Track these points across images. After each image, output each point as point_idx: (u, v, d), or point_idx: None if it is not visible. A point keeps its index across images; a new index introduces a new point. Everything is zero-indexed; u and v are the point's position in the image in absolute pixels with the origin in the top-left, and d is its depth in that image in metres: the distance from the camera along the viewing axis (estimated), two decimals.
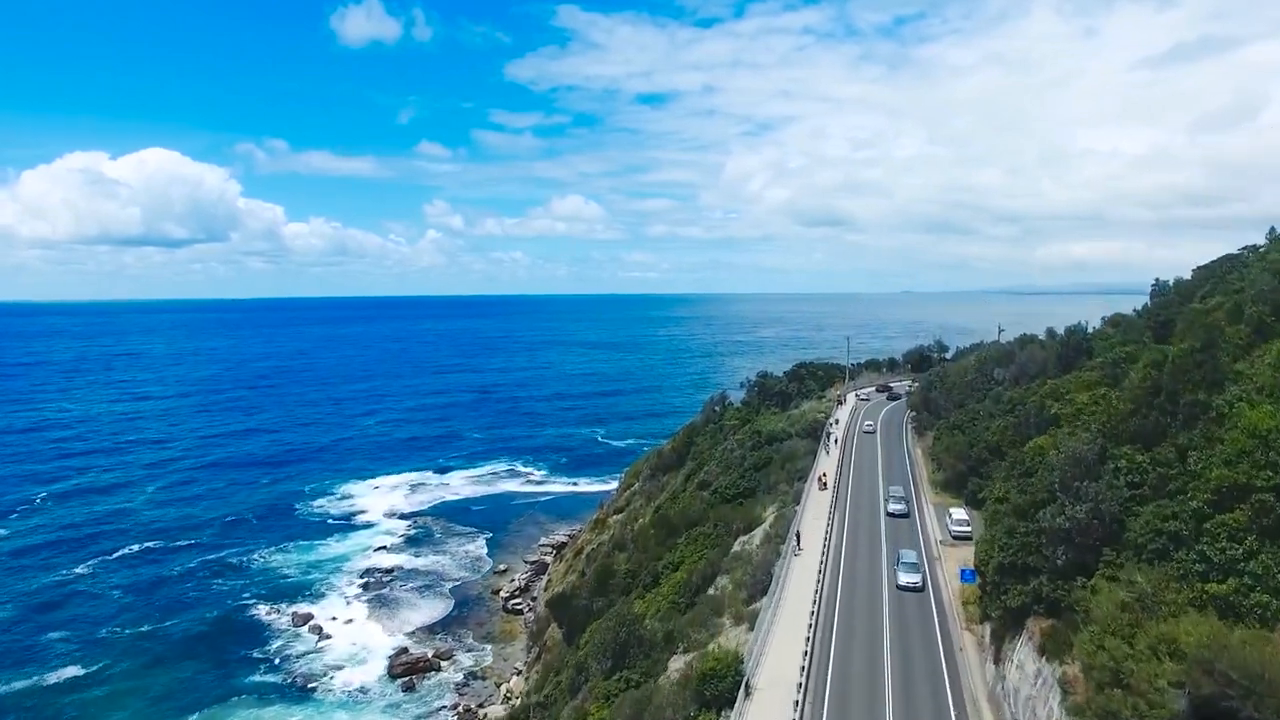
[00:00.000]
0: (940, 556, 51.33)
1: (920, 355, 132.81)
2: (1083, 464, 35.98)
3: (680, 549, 58.29)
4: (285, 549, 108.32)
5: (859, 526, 57.03)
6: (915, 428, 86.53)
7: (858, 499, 63.49)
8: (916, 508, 61.84)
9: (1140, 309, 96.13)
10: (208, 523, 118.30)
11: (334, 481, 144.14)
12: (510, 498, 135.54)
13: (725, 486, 68.59)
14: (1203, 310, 71.55)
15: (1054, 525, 34.69)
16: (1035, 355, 75.69)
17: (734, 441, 78.46)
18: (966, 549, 49.68)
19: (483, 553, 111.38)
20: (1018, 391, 68.53)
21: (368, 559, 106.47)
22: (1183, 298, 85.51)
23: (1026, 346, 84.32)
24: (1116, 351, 62.89)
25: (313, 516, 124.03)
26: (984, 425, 64.54)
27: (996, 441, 60.03)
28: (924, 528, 56.85)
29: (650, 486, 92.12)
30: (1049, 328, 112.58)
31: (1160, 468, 35.30)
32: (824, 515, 56.35)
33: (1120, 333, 75.69)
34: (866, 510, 61.09)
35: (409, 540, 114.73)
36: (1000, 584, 37.71)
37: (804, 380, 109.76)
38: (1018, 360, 76.65)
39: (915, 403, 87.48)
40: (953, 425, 69.34)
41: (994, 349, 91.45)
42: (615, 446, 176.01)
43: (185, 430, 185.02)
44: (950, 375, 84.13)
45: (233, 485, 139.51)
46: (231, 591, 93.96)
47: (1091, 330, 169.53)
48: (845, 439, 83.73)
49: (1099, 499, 34.01)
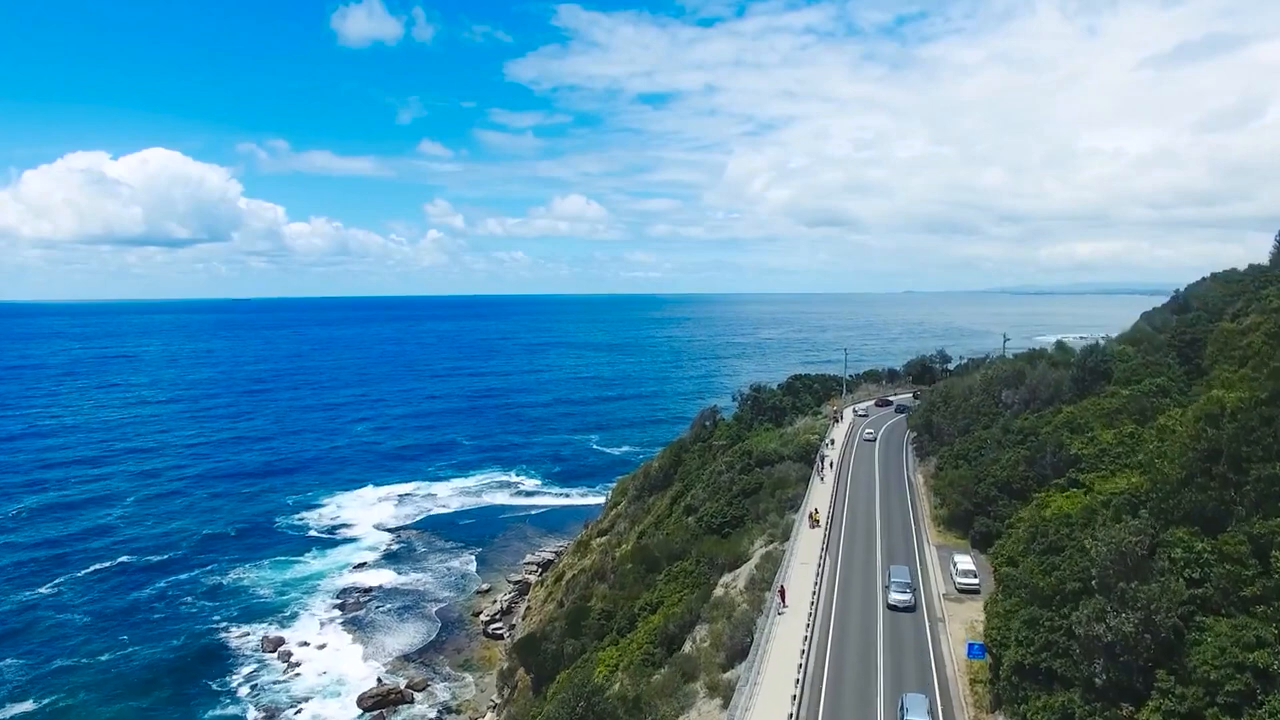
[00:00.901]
0: (944, 616, 44.35)
1: (922, 366, 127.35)
2: (1129, 559, 29.45)
3: (660, 587, 54.16)
4: (261, 566, 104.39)
5: (851, 585, 48.61)
6: (916, 449, 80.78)
7: (851, 542, 56.47)
8: (917, 548, 55.29)
9: (1159, 323, 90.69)
10: (185, 538, 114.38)
11: (320, 492, 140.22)
12: (499, 510, 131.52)
13: (712, 514, 64.35)
14: (1236, 330, 66.26)
15: (1091, 633, 28.53)
16: (1047, 377, 70.34)
17: (722, 463, 73.88)
18: (974, 605, 44.37)
19: (467, 569, 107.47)
20: (1029, 419, 63.48)
21: (346, 577, 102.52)
22: (1210, 314, 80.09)
23: (1037, 366, 78.71)
24: (1146, 384, 58.34)
25: (293, 530, 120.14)
26: (992, 456, 59.56)
27: (1007, 478, 54.94)
28: (925, 577, 50.16)
29: (635, 509, 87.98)
30: (1058, 340, 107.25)
31: (1230, 564, 28.62)
32: (814, 560, 50.37)
33: (1141, 353, 70.44)
34: (861, 558, 53.20)
35: (390, 556, 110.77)
36: (1018, 687, 31.89)
37: (799, 393, 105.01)
38: (1028, 382, 71.23)
39: (916, 423, 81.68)
40: (957, 454, 64.18)
41: (1001, 365, 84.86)
42: (610, 455, 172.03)
43: (173, 438, 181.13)
44: (954, 396, 78.08)
45: (215, 497, 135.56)
46: (200, 613, 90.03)
47: (1105, 342, 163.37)
48: (841, 463, 78.15)
49: (1152, 607, 27.56)
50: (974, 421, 69.27)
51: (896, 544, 55.84)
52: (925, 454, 74.90)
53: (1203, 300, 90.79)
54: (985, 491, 55.36)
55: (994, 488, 55.12)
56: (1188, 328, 74.84)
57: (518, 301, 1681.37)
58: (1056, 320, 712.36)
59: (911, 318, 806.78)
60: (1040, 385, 69.93)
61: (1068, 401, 64.81)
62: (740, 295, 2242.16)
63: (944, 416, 73.59)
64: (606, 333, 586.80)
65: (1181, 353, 70.87)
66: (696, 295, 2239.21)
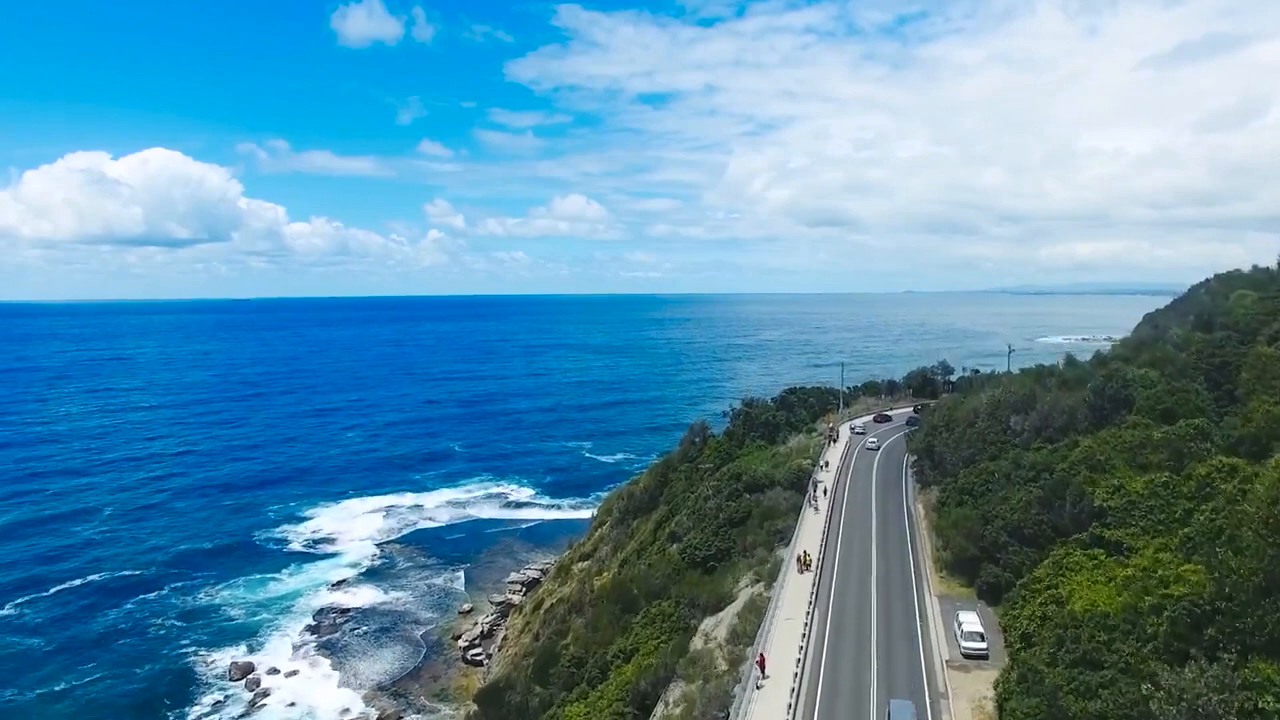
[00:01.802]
0: (947, 689, 38.07)
1: (922, 378, 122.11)
2: None
3: (636, 631, 50.32)
4: (235, 584, 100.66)
5: (841, 650, 42.44)
6: (917, 474, 74.39)
7: (844, 592, 49.79)
8: (917, 600, 48.84)
9: (1181, 341, 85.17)
10: (160, 554, 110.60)
11: (305, 504, 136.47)
12: (487, 524, 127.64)
13: (696, 545, 60.35)
14: (1276, 356, 61.07)
15: None
16: (1061, 403, 64.44)
17: (709, 487, 69.81)
18: (981, 675, 38.72)
19: (450, 587, 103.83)
20: (1042, 451, 58.10)
21: (324, 596, 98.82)
22: (1241, 334, 74.25)
23: (1048, 385, 73.29)
24: (1183, 427, 52.02)
25: (274, 545, 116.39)
26: (1000, 494, 54.13)
27: (1018, 521, 49.36)
28: (925, 636, 43.66)
29: (619, 533, 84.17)
30: (1068, 355, 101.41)
31: None
32: (800, 614, 44.88)
33: (1165, 378, 64.63)
34: (854, 614, 46.83)
35: (371, 573, 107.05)
36: None
37: (793, 408, 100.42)
38: (1039, 407, 65.19)
39: (917, 447, 75.58)
40: (961, 488, 58.39)
41: (1009, 384, 78.49)
42: (604, 463, 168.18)
43: (159, 447, 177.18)
44: (957, 420, 71.42)
45: (196, 510, 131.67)
46: (168, 637, 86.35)
47: (1111, 346, 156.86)
48: (836, 486, 72.59)
49: None
50: (979, 451, 63.70)
51: (894, 595, 50.03)
52: (926, 482, 69.75)
53: (1230, 316, 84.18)
54: (993, 536, 50.02)
55: (1003, 532, 49.74)
56: (1216, 349, 69.08)
57: (518, 301, 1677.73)
58: (1058, 321, 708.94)
59: (912, 318, 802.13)
60: (1053, 412, 63.85)
61: (1084, 431, 59.67)
62: (740, 295, 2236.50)
63: (947, 444, 67.81)
64: (605, 334, 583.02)
65: (1210, 377, 65.49)
66: (696, 295, 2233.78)
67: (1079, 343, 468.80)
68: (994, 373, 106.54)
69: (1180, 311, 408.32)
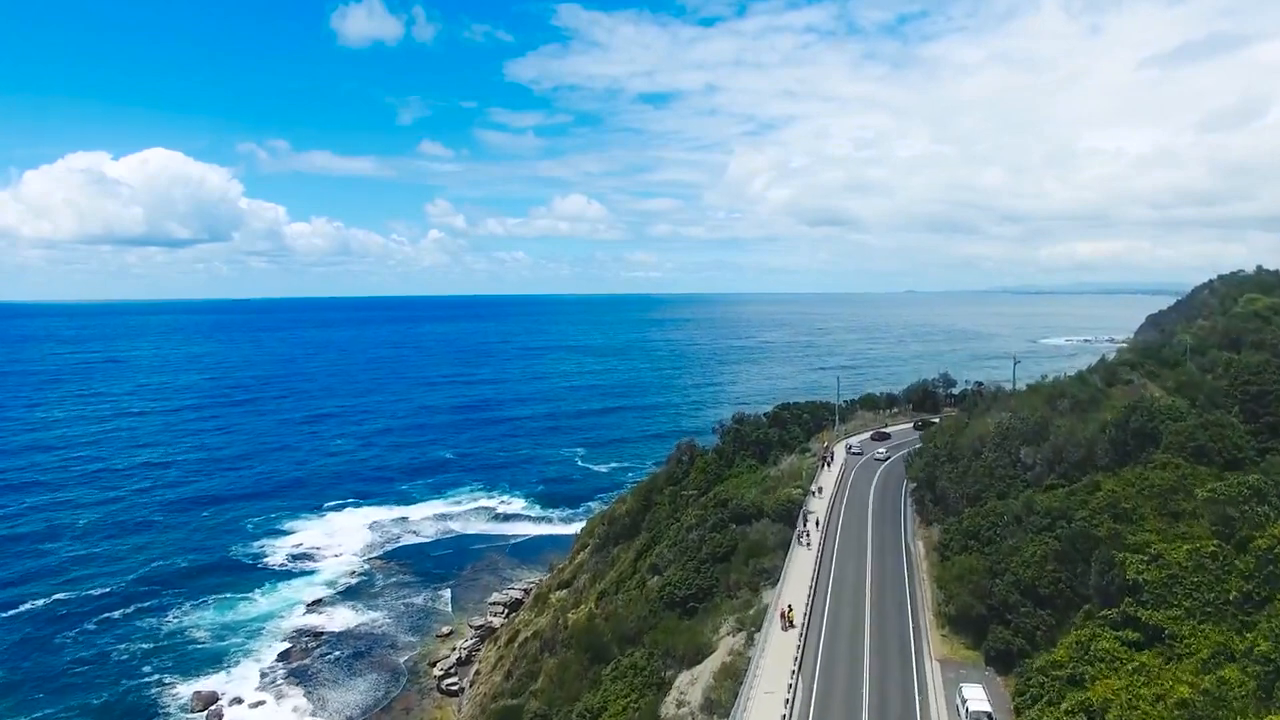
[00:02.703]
0: None
1: (923, 391, 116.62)
2: None
3: (604, 687, 46.03)
4: (205, 604, 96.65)
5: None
6: (916, 503, 68.10)
7: (831, 659, 43.74)
8: (915, 666, 42.72)
9: (1209, 362, 79.69)
10: (132, 573, 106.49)
11: (287, 517, 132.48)
12: (473, 539, 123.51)
13: (676, 583, 55.88)
14: None
15: None
16: (1077, 434, 58.41)
17: (693, 516, 65.36)
18: None
19: (430, 607, 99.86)
20: (1058, 493, 52.27)
21: (298, 618, 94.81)
22: None
23: (1061, 413, 66.68)
24: (1234, 486, 44.32)
25: (251, 562, 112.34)
26: (1011, 543, 48.48)
27: (1032, 579, 43.75)
28: (924, 712, 38.25)
29: (598, 560, 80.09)
30: (1080, 372, 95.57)
31: None
32: (782, 686, 39.10)
33: (1197, 410, 58.54)
34: (843, 687, 41.07)
35: (350, 592, 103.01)
36: None
37: (786, 425, 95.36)
38: (1053, 439, 58.98)
39: (917, 474, 68.82)
40: (966, 531, 52.30)
41: (1017, 406, 72.03)
42: (597, 474, 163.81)
43: (142, 457, 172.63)
44: (961, 448, 64.88)
45: (175, 525, 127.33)
46: (130, 664, 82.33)
47: (1118, 352, 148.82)
48: (830, 515, 66.78)
49: None
50: (986, 487, 57.60)
51: (890, 660, 43.80)
52: (928, 515, 63.84)
53: (1261, 338, 77.79)
54: (1003, 593, 44.17)
55: (1014, 589, 44.02)
56: (1253, 375, 62.93)
57: (518, 302, 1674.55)
58: (1059, 321, 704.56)
59: (914, 319, 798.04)
60: (1068, 445, 57.71)
61: (1104, 468, 54.08)
62: (741, 295, 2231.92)
63: (950, 478, 61.39)
64: (605, 335, 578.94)
65: (1246, 408, 59.49)
66: (697, 295, 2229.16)
67: (1081, 344, 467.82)
68: (999, 388, 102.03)
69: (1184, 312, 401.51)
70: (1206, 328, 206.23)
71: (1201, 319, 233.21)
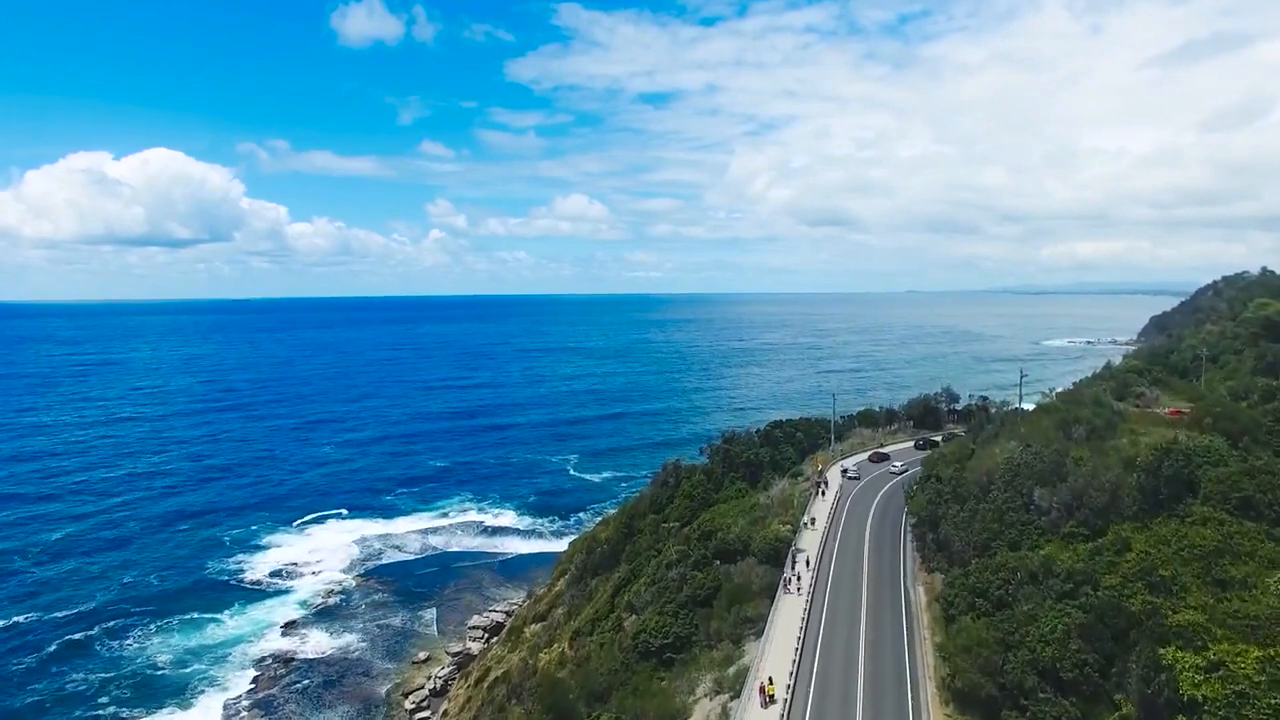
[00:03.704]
0: None
1: (925, 407, 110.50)
2: None
3: None
4: (171, 626, 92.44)
5: None
6: (918, 542, 61.18)
7: None
8: None
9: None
10: (101, 593, 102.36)
11: (267, 530, 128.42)
12: (458, 556, 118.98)
13: (653, 629, 50.95)
14: None
15: None
16: (1099, 475, 50.69)
17: (674, 551, 60.62)
18: None
19: (409, 629, 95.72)
20: (1079, 550, 45.54)
21: (269, 641, 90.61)
22: None
23: (1076, 442, 60.72)
24: None
25: (225, 579, 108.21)
26: (1026, 607, 42.07)
27: (1053, 660, 37.67)
28: None
29: (575, 593, 75.70)
30: (1096, 394, 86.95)
31: None
32: None
33: (1240, 453, 52.08)
34: None
35: (325, 613, 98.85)
36: None
37: (779, 444, 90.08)
38: (1072, 481, 51.67)
39: (919, 509, 61.21)
40: (974, 588, 45.66)
41: (1028, 433, 65.24)
42: (591, 485, 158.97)
43: (126, 467, 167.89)
44: (967, 484, 57.78)
45: (151, 540, 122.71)
46: (86, 693, 78.19)
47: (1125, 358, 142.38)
48: (821, 554, 60.38)
49: None
50: (996, 535, 50.81)
51: None
52: (931, 562, 56.40)
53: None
54: (1018, 673, 37.93)
55: (1031, 669, 37.88)
56: None
57: (519, 302, 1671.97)
58: (1061, 322, 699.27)
59: (915, 319, 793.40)
60: (1089, 489, 50.28)
61: (1132, 517, 47.84)
62: (741, 295, 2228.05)
63: (954, 523, 53.91)
64: (605, 336, 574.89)
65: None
66: (698, 295, 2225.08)
67: (1084, 346, 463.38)
68: (1005, 404, 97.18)
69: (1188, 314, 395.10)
70: (1215, 333, 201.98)
71: (1210, 324, 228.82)
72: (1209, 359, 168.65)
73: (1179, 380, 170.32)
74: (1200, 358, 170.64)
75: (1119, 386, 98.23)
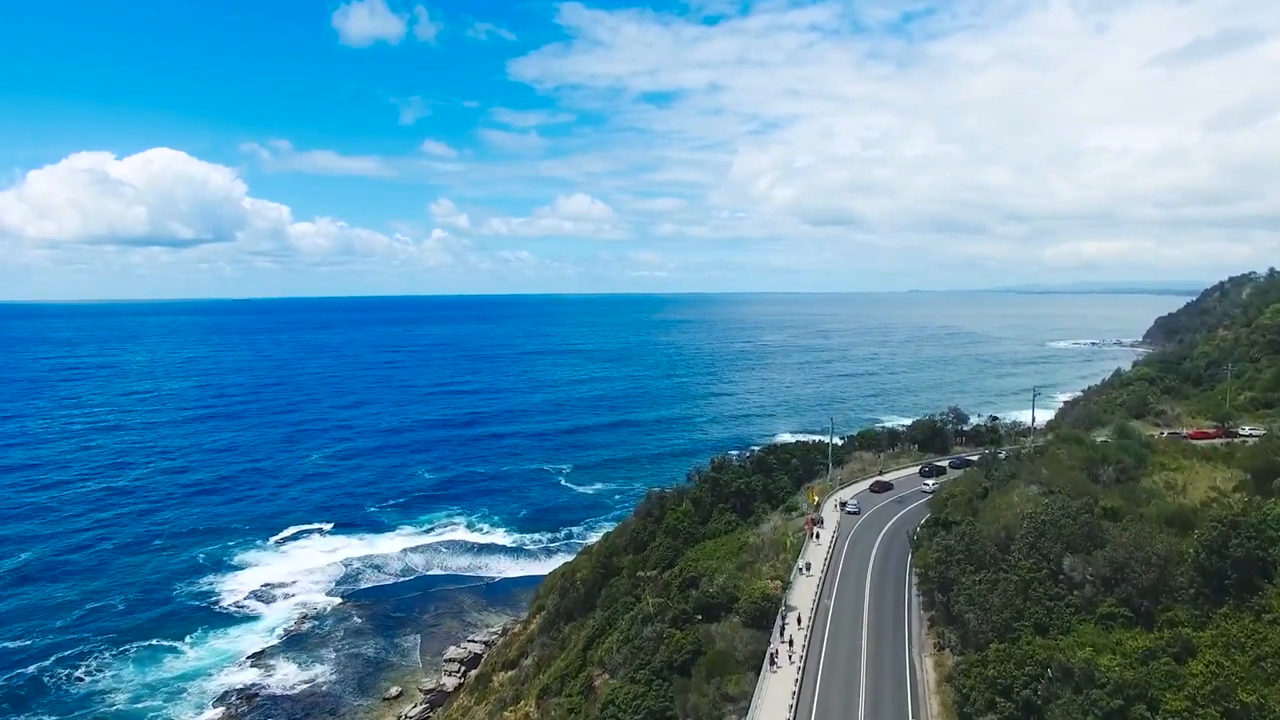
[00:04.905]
0: None
1: (930, 428, 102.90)
2: None
3: None
4: (128, 656, 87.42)
5: None
6: (925, 600, 52.76)
7: None
8: None
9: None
10: (61, 617, 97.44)
11: (243, 547, 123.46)
12: (441, 579, 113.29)
13: (623, 703, 44.90)
14: None
15: None
16: (1145, 545, 41.76)
17: (650, 603, 54.73)
18: None
19: (383, 660, 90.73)
20: (1128, 653, 36.53)
21: (232, 674, 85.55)
22: None
23: (1106, 484, 53.80)
24: None
25: (192, 602, 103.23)
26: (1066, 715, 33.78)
27: None
28: None
29: (546, 641, 70.27)
30: (1120, 427, 76.80)
31: None
32: None
33: None
34: None
35: (295, 641, 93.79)
36: None
37: (772, 471, 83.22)
38: (1111, 551, 42.76)
39: (926, 563, 52.36)
40: (993, 682, 37.62)
41: (1051, 475, 56.92)
42: (584, 501, 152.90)
43: (106, 480, 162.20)
44: (982, 540, 49.36)
45: (121, 560, 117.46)
46: None
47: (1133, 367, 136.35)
48: (813, 620, 51.86)
49: None
50: (1020, 613, 42.17)
51: None
52: (941, 635, 47.48)
53: None
54: None
55: None
56: None
57: (522, 301, 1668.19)
58: (1065, 323, 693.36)
59: (918, 320, 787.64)
60: (1132, 562, 41.22)
61: (1189, 601, 39.12)
62: (745, 295, 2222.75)
63: (970, 591, 45.09)
64: (606, 338, 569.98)
65: None
66: (701, 295, 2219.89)
67: (1089, 348, 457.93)
68: (1016, 424, 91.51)
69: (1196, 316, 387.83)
70: (1229, 339, 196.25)
71: (1223, 329, 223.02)
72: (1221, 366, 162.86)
73: (1192, 388, 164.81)
74: (1215, 364, 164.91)
75: (1136, 403, 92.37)
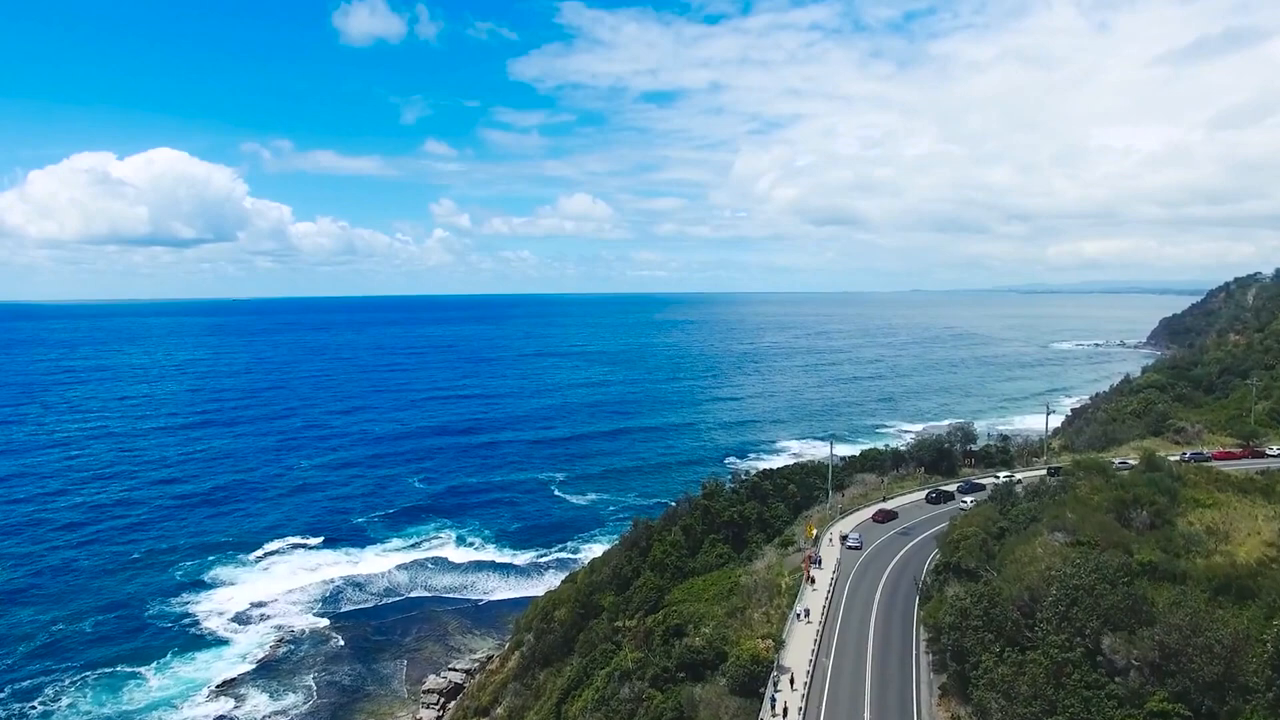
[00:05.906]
0: None
1: (937, 450, 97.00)
2: None
3: None
4: (86, 685, 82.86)
5: None
6: (936, 662, 47.48)
7: None
8: None
9: None
10: (24, 642, 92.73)
11: (222, 562, 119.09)
12: (425, 601, 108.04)
13: None
14: None
15: None
16: (1204, 631, 35.40)
17: (629, 659, 49.61)
18: None
19: (360, 688, 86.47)
20: None
21: (197, 707, 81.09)
22: None
23: (1136, 529, 48.51)
24: None
25: (165, 624, 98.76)
26: None
27: None
28: None
29: (520, 687, 65.70)
30: (1148, 458, 69.47)
31: None
32: None
33: None
34: None
35: (268, 667, 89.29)
36: None
37: (767, 498, 78.03)
38: (1161, 633, 36.50)
39: (936, 618, 47.15)
40: None
41: (1078, 519, 50.81)
42: (579, 515, 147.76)
43: (90, 492, 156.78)
44: (1003, 601, 43.34)
45: (95, 581, 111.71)
46: None
47: (1149, 382, 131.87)
48: (810, 685, 46.54)
49: None
50: (1051, 706, 35.86)
51: None
52: (953, 707, 41.92)
53: None
54: None
55: None
56: None
57: (524, 301, 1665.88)
58: (1068, 324, 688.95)
59: (918, 320, 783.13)
60: (1189, 650, 34.88)
61: (1266, 709, 32.72)
62: (746, 295, 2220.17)
63: (992, 680, 38.45)
64: (606, 338, 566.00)
65: None
66: (703, 295, 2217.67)
67: (1093, 349, 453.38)
68: (1027, 442, 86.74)
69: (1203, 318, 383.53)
70: (1242, 344, 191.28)
71: (1234, 333, 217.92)
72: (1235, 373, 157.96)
73: (1205, 396, 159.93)
74: (1228, 371, 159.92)
75: (1153, 417, 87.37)
